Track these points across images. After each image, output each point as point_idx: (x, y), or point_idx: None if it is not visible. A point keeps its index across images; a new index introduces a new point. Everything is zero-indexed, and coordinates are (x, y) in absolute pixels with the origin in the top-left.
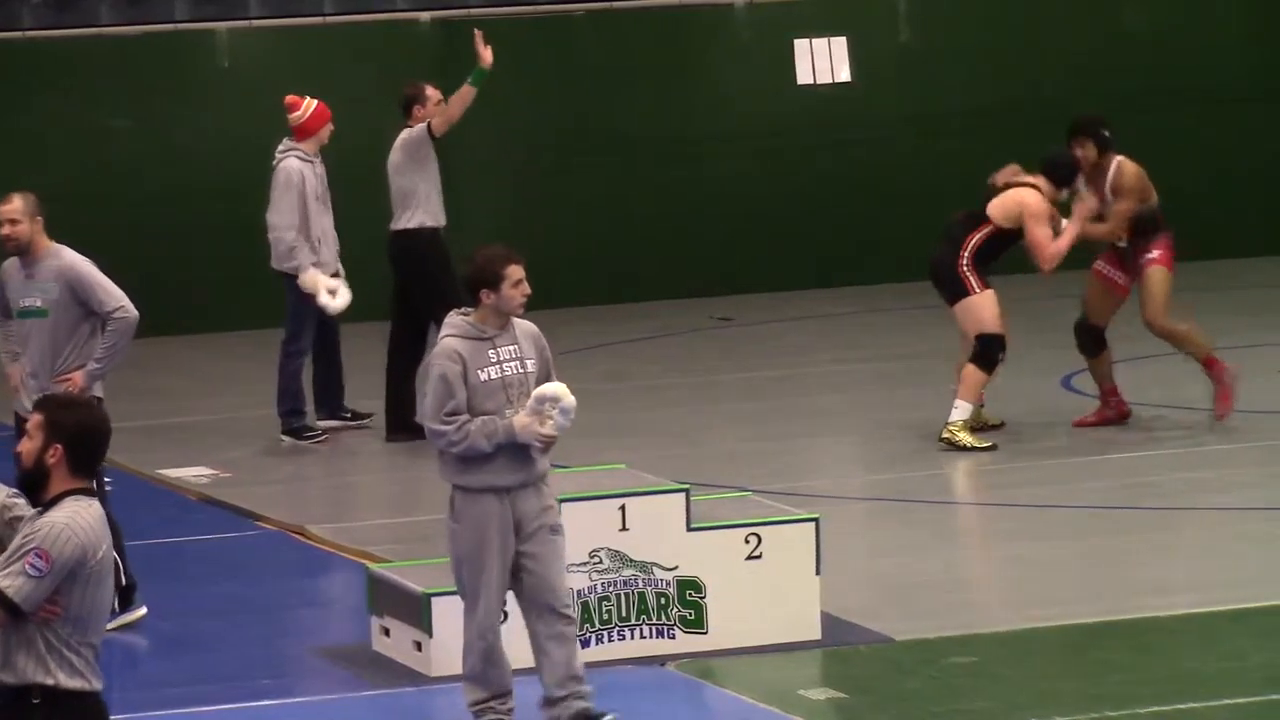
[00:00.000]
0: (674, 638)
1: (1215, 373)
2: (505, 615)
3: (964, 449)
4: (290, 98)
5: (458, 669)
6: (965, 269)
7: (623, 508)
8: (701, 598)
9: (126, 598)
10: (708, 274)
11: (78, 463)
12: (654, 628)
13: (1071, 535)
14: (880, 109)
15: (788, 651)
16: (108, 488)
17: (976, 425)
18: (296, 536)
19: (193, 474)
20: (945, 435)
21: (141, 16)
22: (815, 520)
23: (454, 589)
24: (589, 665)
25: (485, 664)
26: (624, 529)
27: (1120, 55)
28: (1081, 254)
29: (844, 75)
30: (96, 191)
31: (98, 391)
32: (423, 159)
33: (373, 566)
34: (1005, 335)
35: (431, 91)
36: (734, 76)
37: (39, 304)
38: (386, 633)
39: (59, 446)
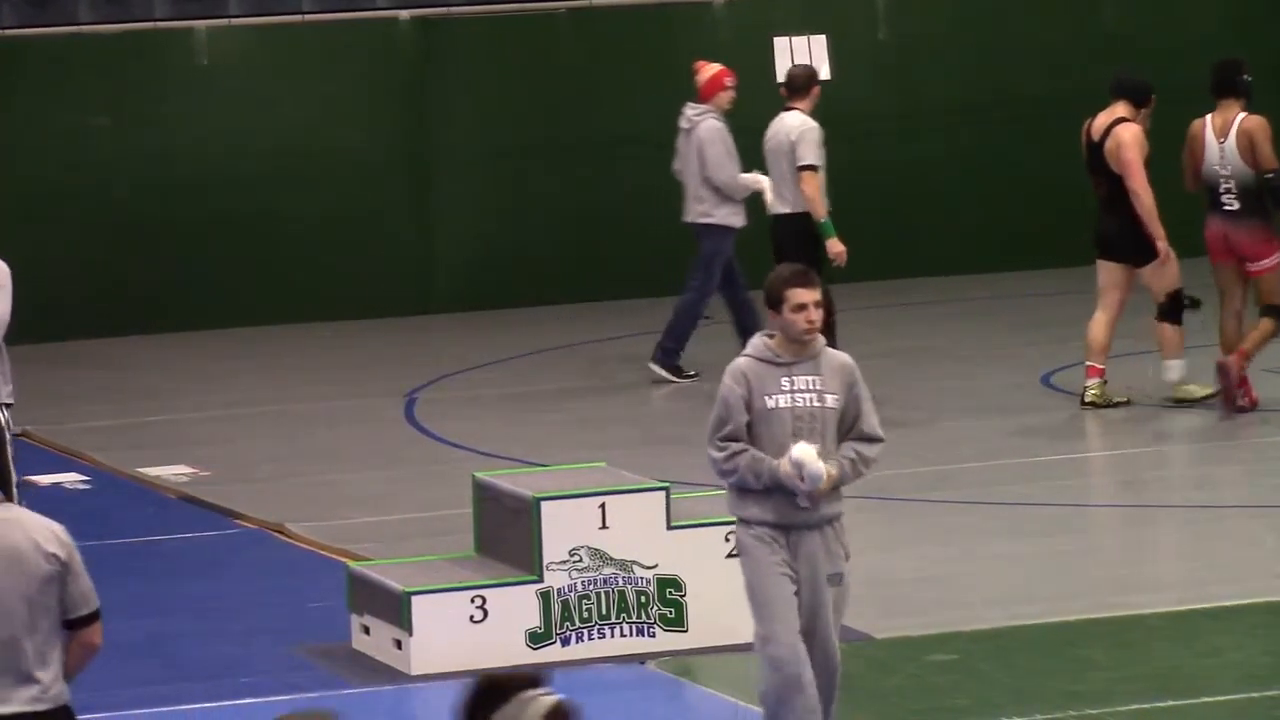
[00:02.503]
0: (654, 636)
1: (1239, 369)
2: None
3: (1197, 398)
4: (698, 62)
5: (438, 668)
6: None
7: (603, 506)
8: (682, 596)
9: None
10: (688, 272)
11: None
12: (634, 626)
13: (1052, 533)
14: (860, 107)
15: None
16: (85, 486)
17: (1104, 403)
18: (276, 535)
19: (172, 472)
20: (1177, 395)
21: (120, 15)
22: None
23: (434, 587)
24: (569, 665)
25: (778, 703)
26: (604, 527)
27: (1100, 51)
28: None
29: (823, 74)
30: (74, 190)
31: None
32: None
33: (353, 564)
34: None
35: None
36: None
37: None
38: (366, 631)
39: None
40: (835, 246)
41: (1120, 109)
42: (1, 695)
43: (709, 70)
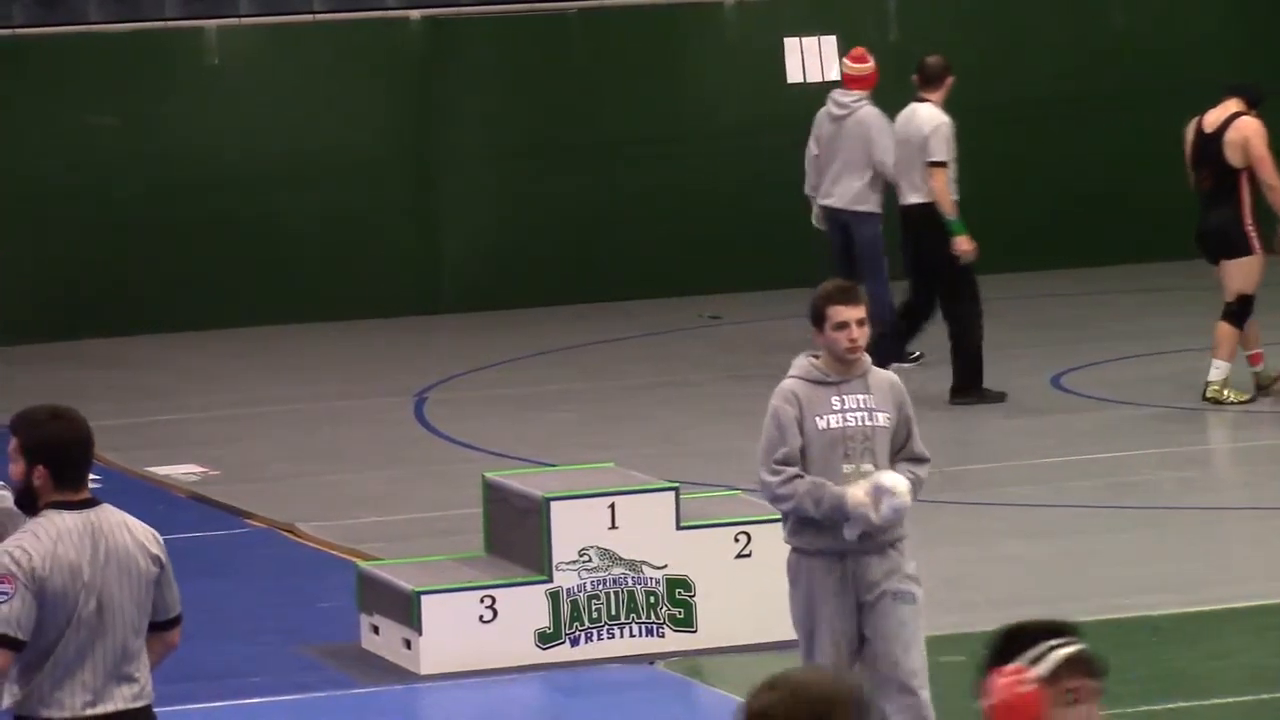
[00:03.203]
0: (663, 636)
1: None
2: None
3: (1229, 403)
4: (857, 49)
5: (447, 667)
6: (1249, 228)
7: (612, 506)
8: (691, 596)
9: None
10: (697, 272)
11: (62, 477)
12: (643, 626)
13: (1060, 534)
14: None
15: (777, 650)
16: (94, 485)
17: (1264, 384)
18: (285, 534)
19: (182, 472)
20: (1210, 395)
21: (131, 14)
22: None
23: (443, 586)
24: (578, 665)
25: None
26: (613, 527)
27: (1110, 53)
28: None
29: (834, 74)
30: (85, 189)
31: None
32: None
33: (362, 564)
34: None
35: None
36: (723, 75)
37: None
38: (376, 630)
39: (42, 468)
40: (964, 244)
41: (1234, 104)
42: (107, 694)
43: (870, 61)
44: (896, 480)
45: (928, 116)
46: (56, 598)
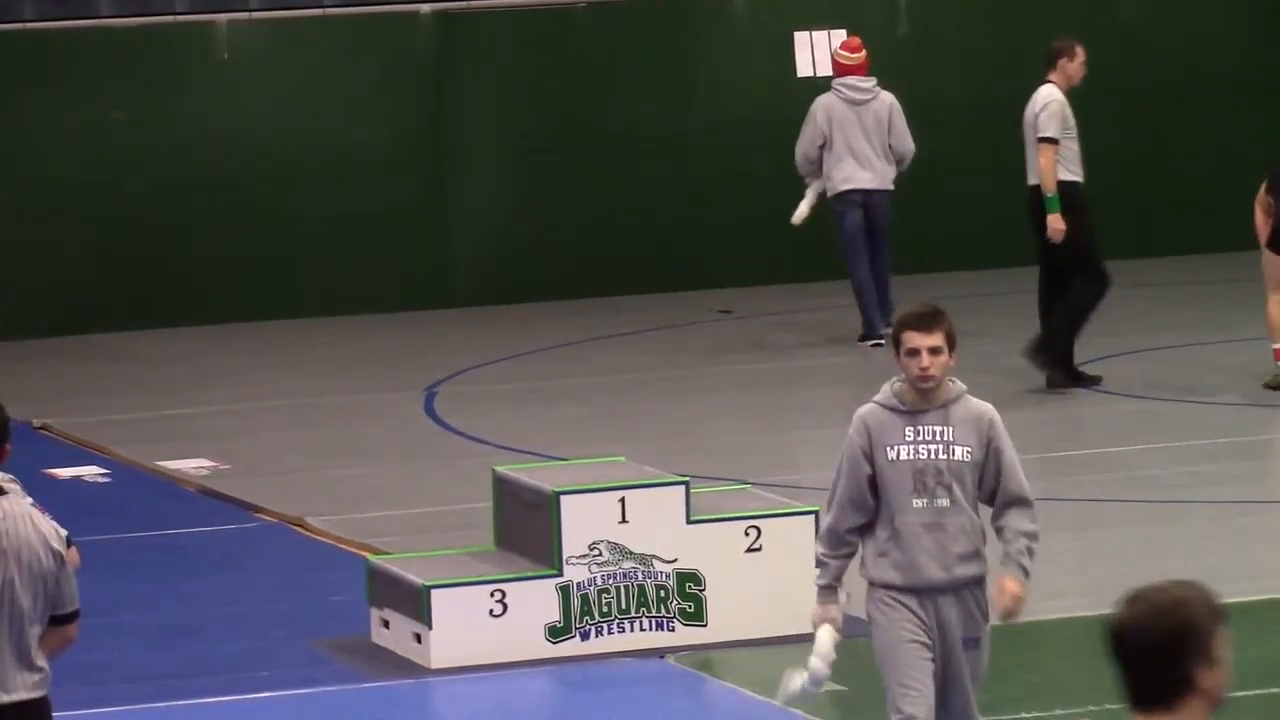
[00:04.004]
0: (674, 630)
1: None
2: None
3: None
4: (854, 40)
5: (457, 661)
6: None
7: (622, 500)
8: (701, 590)
9: None
10: (707, 266)
11: None
12: (653, 620)
13: (1071, 528)
14: None
15: (788, 644)
16: (105, 479)
17: (1276, 385)
18: (296, 528)
19: (192, 466)
20: (1270, 382)
21: (141, 9)
22: (815, 513)
23: (454, 580)
24: (589, 659)
25: None
26: (624, 521)
27: (1122, 47)
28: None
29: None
30: (95, 184)
31: None
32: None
33: (372, 558)
34: None
35: (1079, 49)
36: (734, 69)
37: None
38: (386, 625)
39: None
40: (1056, 222)
41: None
42: (12, 682)
43: (864, 51)
44: (820, 645)
45: (1042, 95)
46: None
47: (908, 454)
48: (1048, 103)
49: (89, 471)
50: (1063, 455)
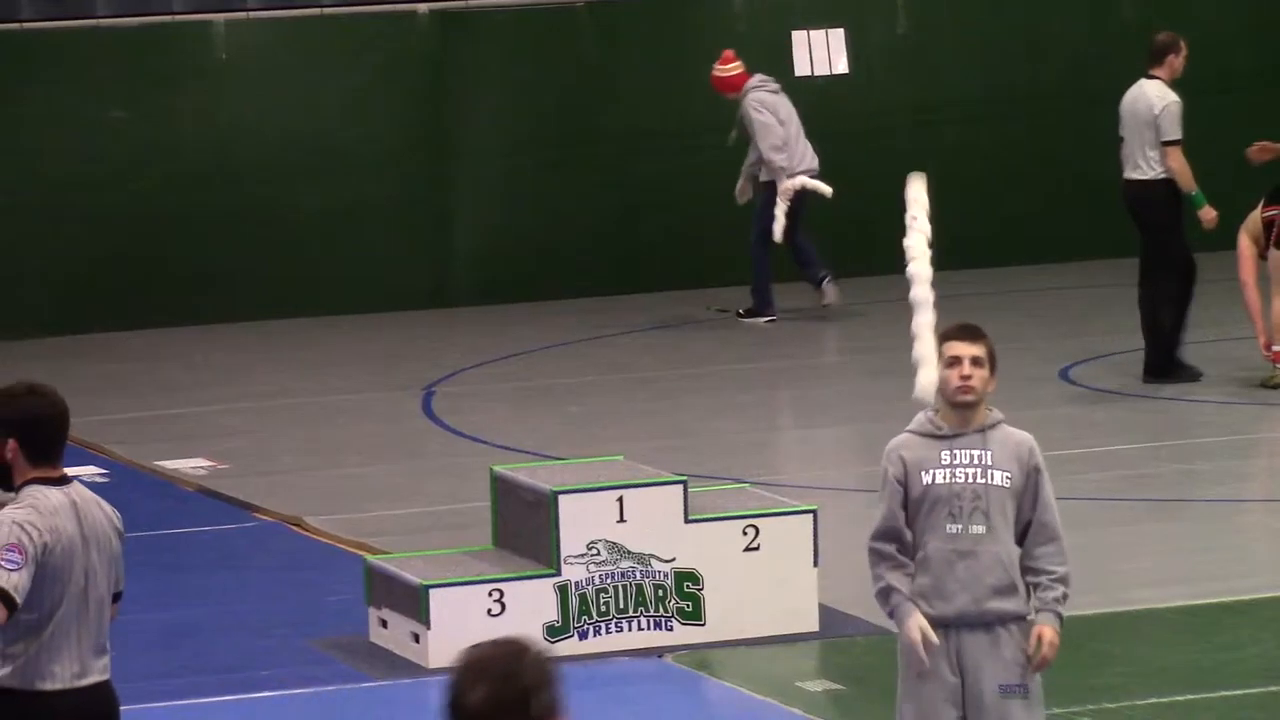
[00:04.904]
0: (672, 629)
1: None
2: None
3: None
4: (728, 53)
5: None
6: None
7: (620, 499)
8: (699, 589)
9: None
10: (707, 265)
11: (36, 453)
12: (652, 619)
13: (1070, 526)
14: (878, 101)
15: (786, 643)
16: (103, 479)
17: (1272, 386)
18: (294, 528)
19: (190, 465)
20: (1273, 381)
21: (138, 8)
22: (813, 512)
23: (452, 580)
24: (587, 658)
25: None
26: (621, 520)
27: (1120, 45)
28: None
29: (841, 67)
30: (93, 183)
31: None
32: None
33: (370, 558)
34: None
35: (1184, 44)
36: None
37: None
38: (384, 624)
39: (11, 441)
40: (1208, 213)
41: None
42: (90, 665)
43: (738, 62)
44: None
45: (1155, 94)
46: (56, 571)
47: (943, 477)
48: (1166, 104)
49: (87, 471)
50: (1056, 454)
